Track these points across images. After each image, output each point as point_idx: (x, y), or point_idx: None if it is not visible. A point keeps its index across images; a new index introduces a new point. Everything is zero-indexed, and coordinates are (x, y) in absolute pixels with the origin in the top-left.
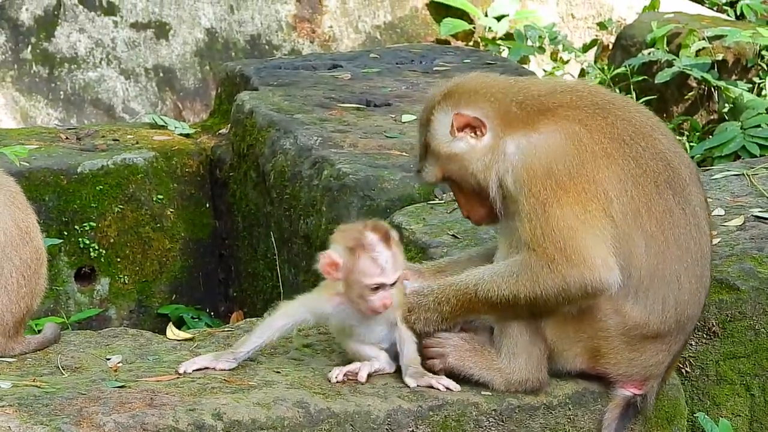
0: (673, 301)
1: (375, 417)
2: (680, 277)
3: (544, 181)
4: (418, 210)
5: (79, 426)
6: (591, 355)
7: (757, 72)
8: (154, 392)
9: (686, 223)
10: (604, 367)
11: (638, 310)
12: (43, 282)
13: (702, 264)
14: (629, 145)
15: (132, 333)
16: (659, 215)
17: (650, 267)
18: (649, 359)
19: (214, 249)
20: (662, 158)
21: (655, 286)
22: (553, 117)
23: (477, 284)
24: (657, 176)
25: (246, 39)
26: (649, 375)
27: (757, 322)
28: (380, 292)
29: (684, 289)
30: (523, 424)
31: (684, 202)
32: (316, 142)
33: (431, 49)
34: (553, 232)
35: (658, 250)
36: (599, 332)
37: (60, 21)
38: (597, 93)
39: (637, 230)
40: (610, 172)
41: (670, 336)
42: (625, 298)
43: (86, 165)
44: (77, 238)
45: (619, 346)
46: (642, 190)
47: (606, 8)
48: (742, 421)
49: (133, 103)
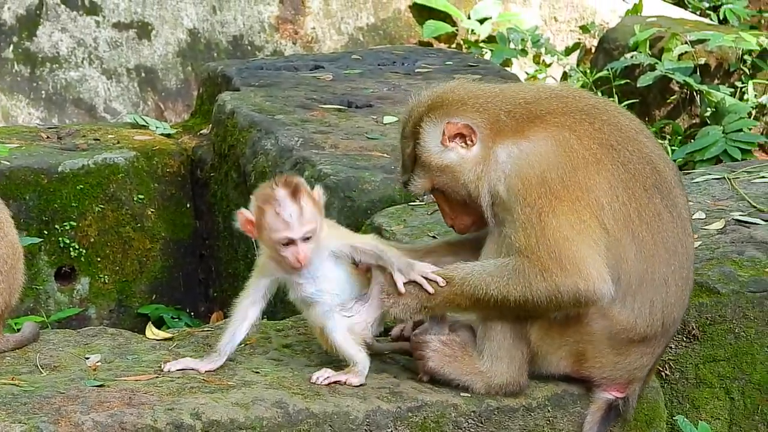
0: (661, 305)
1: (354, 418)
2: (668, 280)
3: (538, 190)
4: (399, 211)
5: (58, 425)
6: (576, 358)
7: (739, 76)
8: (132, 391)
9: (674, 226)
10: (588, 370)
11: (626, 315)
12: (20, 276)
13: (687, 266)
14: (617, 150)
15: (111, 332)
16: (649, 219)
17: (640, 271)
18: (633, 362)
19: (194, 249)
20: (649, 162)
21: (643, 290)
22: (542, 124)
23: (464, 279)
24: (645, 180)
25: (228, 40)
26: (632, 378)
27: (737, 326)
28: (291, 247)
29: (671, 292)
30: (503, 425)
31: (671, 205)
32: (298, 143)
33: (413, 51)
34: (549, 241)
35: (647, 254)
36: (585, 336)
37: (42, 20)
38: (581, 98)
39: (628, 235)
40: (601, 178)
41: (655, 339)
42: (613, 303)
43: (67, 164)
44: (57, 237)
45: (604, 349)
46: (632, 195)
47: (589, 11)
48: (721, 425)
49: (115, 103)
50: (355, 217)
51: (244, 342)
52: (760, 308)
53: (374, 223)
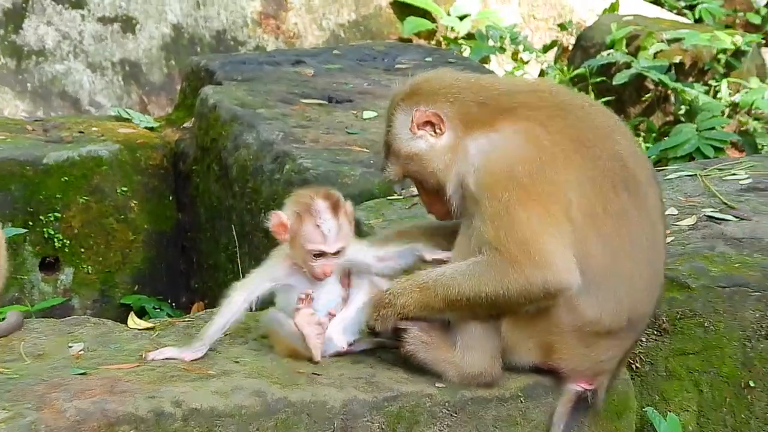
0: (627, 299)
1: (331, 407)
2: (634, 275)
3: (506, 184)
4: (378, 205)
5: (41, 411)
6: (544, 350)
7: (713, 75)
8: (115, 380)
9: (641, 223)
10: (556, 362)
11: (592, 308)
12: (3, 263)
13: (656, 263)
14: (588, 147)
15: (94, 322)
16: (615, 216)
17: (605, 266)
18: (600, 355)
19: (176, 241)
20: (619, 159)
21: (609, 284)
22: (513, 117)
23: (437, 281)
24: (614, 177)
25: (212, 34)
26: (600, 370)
27: (707, 320)
28: (322, 259)
29: (637, 288)
30: (476, 415)
31: (640, 202)
32: (279, 137)
33: (393, 47)
34: (517, 234)
35: (613, 249)
36: (553, 328)
37: (28, 14)
38: (558, 93)
39: (594, 230)
40: (569, 173)
41: (622, 333)
42: (579, 296)
43: (52, 156)
44: (42, 228)
45: (571, 342)
46: (599, 192)
47: (566, 10)
48: (690, 416)
49: (99, 96)
50: None
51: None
52: (730, 303)
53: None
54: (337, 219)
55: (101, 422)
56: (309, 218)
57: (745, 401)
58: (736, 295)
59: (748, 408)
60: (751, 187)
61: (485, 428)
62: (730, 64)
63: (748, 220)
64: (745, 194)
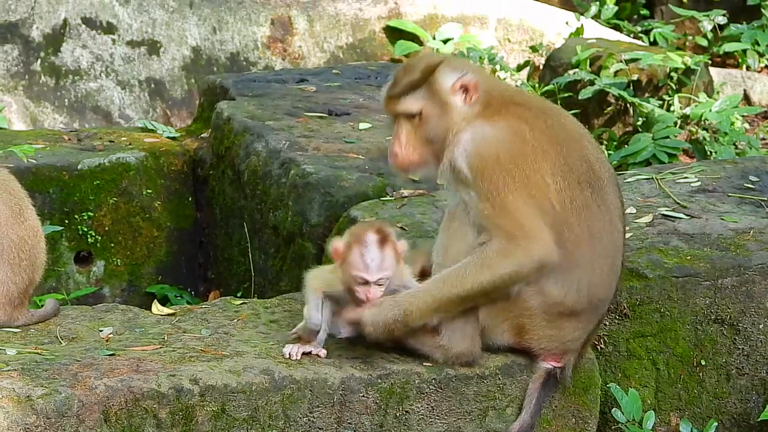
0: (587, 284)
1: (331, 384)
2: (593, 263)
3: (493, 167)
4: (372, 205)
5: (74, 388)
6: (517, 331)
7: (666, 90)
8: (140, 360)
9: (601, 218)
10: (528, 342)
11: (557, 290)
12: (42, 255)
13: (613, 254)
14: (561, 146)
15: (122, 308)
16: (578, 208)
17: (568, 253)
18: (566, 335)
19: (195, 237)
20: (586, 160)
21: (571, 269)
22: (507, 114)
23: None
24: (580, 175)
25: (226, 56)
26: (566, 349)
27: (663, 306)
28: (364, 286)
29: (596, 275)
30: (459, 391)
31: (600, 200)
32: (285, 145)
33: (386, 67)
34: (510, 211)
35: (575, 239)
36: (524, 311)
37: (66, 38)
38: (542, 101)
39: (560, 219)
40: (545, 164)
41: (584, 315)
42: (547, 280)
43: (86, 163)
44: (77, 225)
45: (540, 323)
46: (567, 185)
47: (537, 34)
48: (648, 392)
49: (128, 110)
50: (334, 210)
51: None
52: (683, 291)
53: (350, 215)
54: (382, 251)
55: (128, 397)
56: (356, 247)
57: (697, 378)
58: (688, 284)
59: (700, 384)
60: (701, 189)
61: (467, 402)
62: (681, 81)
63: (698, 218)
64: (696, 195)
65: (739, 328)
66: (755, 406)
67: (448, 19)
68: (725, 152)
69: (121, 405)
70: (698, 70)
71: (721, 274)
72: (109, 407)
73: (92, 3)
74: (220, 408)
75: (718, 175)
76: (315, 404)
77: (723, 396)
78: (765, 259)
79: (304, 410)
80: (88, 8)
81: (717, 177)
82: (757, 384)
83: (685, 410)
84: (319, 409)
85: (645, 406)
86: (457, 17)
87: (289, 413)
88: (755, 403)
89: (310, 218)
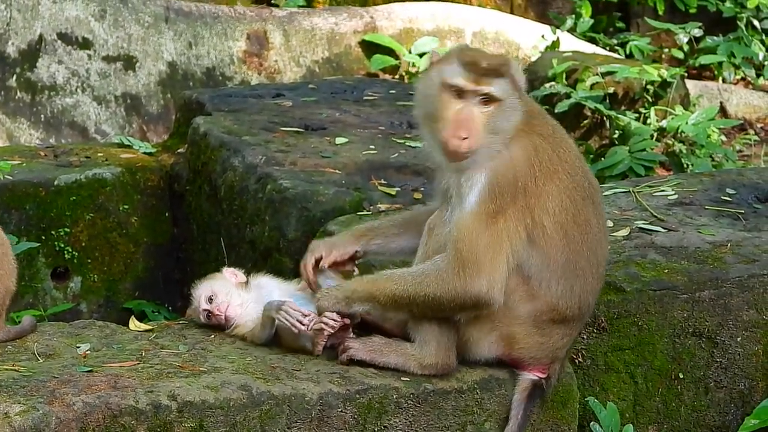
0: (579, 291)
1: (309, 399)
2: (586, 272)
3: (503, 189)
4: (348, 220)
5: (52, 405)
6: (507, 341)
7: (642, 103)
8: (117, 376)
9: (598, 230)
10: (519, 352)
11: (551, 296)
12: (12, 262)
13: (603, 265)
14: (567, 163)
15: (99, 324)
16: (581, 223)
17: (566, 261)
18: (556, 343)
19: (172, 252)
20: (586, 176)
21: (566, 276)
22: (525, 135)
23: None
24: (584, 191)
25: (202, 71)
26: (554, 358)
27: (640, 320)
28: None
29: (587, 283)
30: (437, 405)
31: (598, 213)
32: (261, 160)
33: (362, 81)
34: (475, 241)
35: (575, 249)
36: (515, 320)
37: (41, 54)
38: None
39: (562, 232)
40: (553, 185)
41: (572, 321)
42: (540, 285)
43: (62, 179)
44: (53, 242)
45: (531, 330)
46: (572, 201)
47: (513, 47)
48: (626, 405)
49: (104, 125)
50: (311, 225)
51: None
52: (660, 304)
53: (327, 230)
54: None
55: (105, 414)
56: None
57: (675, 391)
58: (666, 297)
59: (678, 397)
60: (678, 202)
61: (446, 417)
62: (657, 94)
63: (675, 231)
64: (673, 208)
65: (716, 341)
66: (733, 419)
67: (424, 33)
68: (702, 165)
69: (99, 422)
70: (674, 83)
71: (698, 287)
72: (86, 424)
73: (68, 18)
74: (198, 424)
75: (695, 188)
76: (293, 420)
77: (701, 409)
78: (742, 272)
79: (283, 426)
80: (63, 24)
81: (694, 190)
82: (735, 397)
83: (664, 423)
84: (297, 425)
85: (623, 419)
86: (433, 31)
87: (267, 429)
88: (733, 416)
89: (287, 233)
